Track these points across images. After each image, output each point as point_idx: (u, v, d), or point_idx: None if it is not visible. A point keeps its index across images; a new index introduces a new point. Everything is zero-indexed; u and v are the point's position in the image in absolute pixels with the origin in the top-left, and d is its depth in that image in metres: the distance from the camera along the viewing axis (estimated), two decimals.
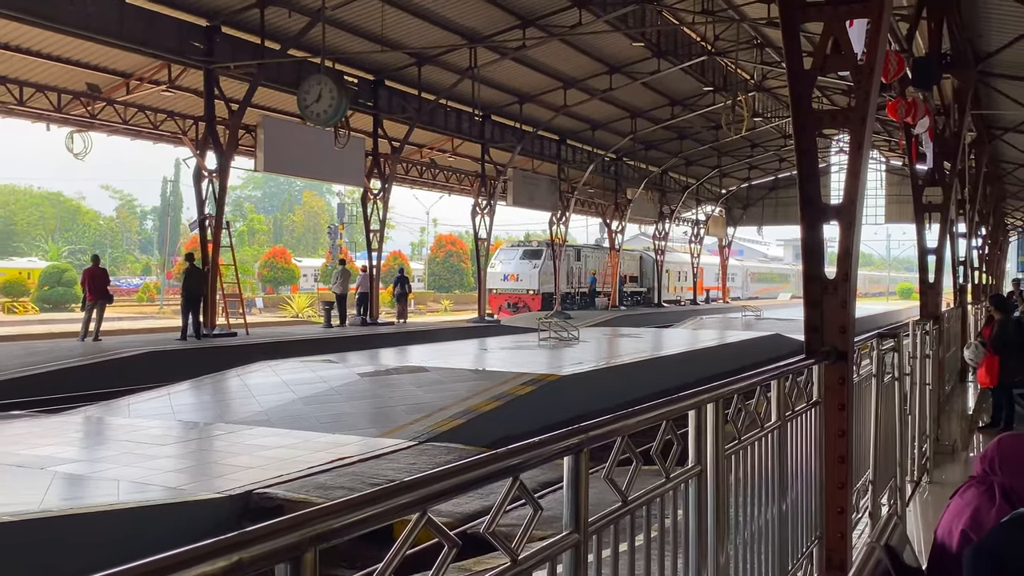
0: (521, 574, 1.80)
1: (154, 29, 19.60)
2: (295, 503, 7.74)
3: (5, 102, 20.66)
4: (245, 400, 13.38)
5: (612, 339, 23.64)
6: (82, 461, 9.28)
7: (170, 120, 23.88)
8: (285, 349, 19.70)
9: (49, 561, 6.33)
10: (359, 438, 10.57)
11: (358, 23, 22.20)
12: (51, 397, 14.40)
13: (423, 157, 32.93)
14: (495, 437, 11.11)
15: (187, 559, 1.11)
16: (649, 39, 27.19)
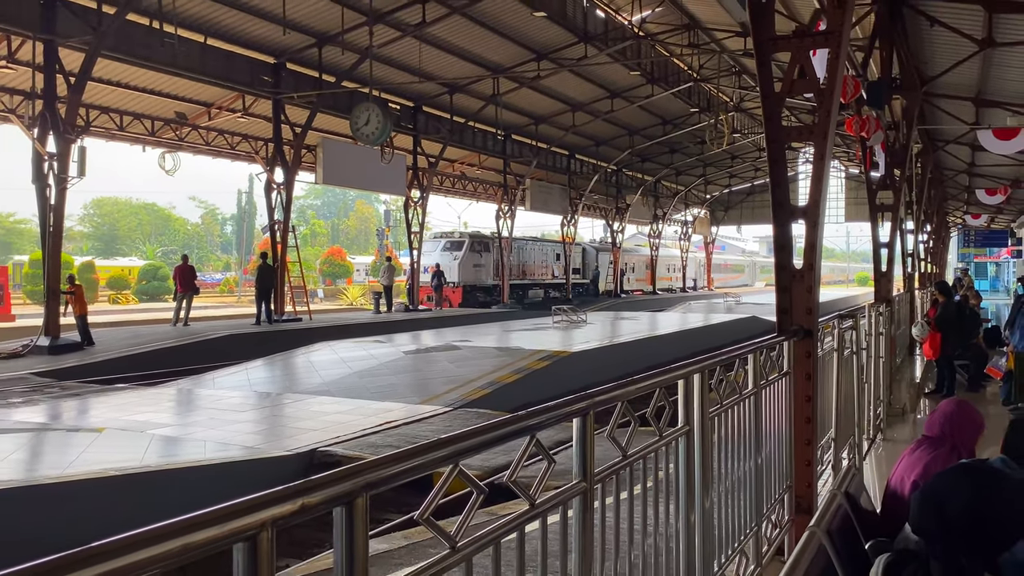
0: (538, 516, 1.80)
1: (231, 66, 19.67)
2: (351, 459, 7.74)
3: (109, 128, 20.81)
4: (309, 374, 13.42)
5: (615, 321, 23.57)
6: (175, 425, 9.33)
7: (244, 142, 23.97)
8: (342, 332, 19.77)
9: (149, 508, 6.38)
10: (403, 405, 10.59)
11: (400, 59, 22.18)
12: (149, 372, 14.52)
13: (455, 170, 32.91)
14: (517, 404, 11.09)
15: (262, 502, 1.12)
16: (644, 68, 27.04)
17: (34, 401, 10.85)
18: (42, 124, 15.53)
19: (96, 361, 14.64)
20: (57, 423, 9.42)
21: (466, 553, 1.53)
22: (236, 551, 1.10)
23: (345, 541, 1.26)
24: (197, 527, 1.02)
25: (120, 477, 6.54)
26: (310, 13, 18.98)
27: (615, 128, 34.08)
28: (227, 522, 1.05)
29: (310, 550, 5.94)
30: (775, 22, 4.99)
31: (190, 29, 17.77)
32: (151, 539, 0.97)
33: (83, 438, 8.27)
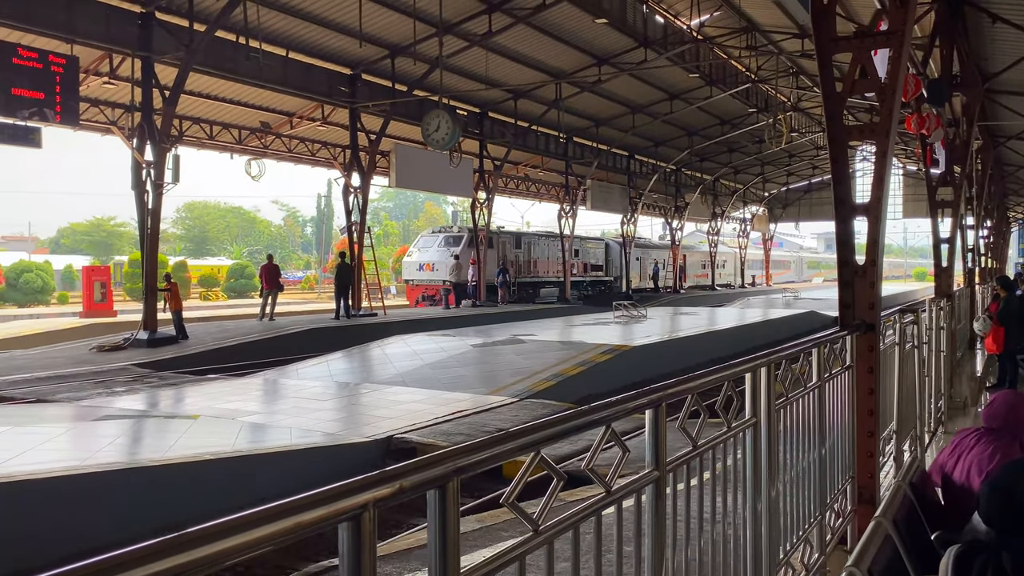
0: (614, 502, 1.80)
1: (311, 78, 20.08)
2: (425, 445, 7.85)
3: (200, 137, 21.46)
4: (384, 365, 13.60)
5: (674, 316, 23.29)
6: (262, 413, 9.54)
7: (324, 148, 24.45)
8: (414, 326, 20.00)
9: (241, 490, 6.57)
10: (472, 395, 10.65)
11: (467, 67, 22.32)
12: (238, 364, 14.92)
13: (519, 172, 32.94)
14: (580, 395, 11.08)
15: (364, 484, 1.15)
16: (703, 71, 26.65)
17: (135, 390, 11.28)
18: (140, 135, 16.11)
19: (190, 353, 15.12)
20: (156, 410, 9.76)
21: (548, 536, 1.54)
22: (341, 529, 1.13)
23: (438, 522, 1.28)
24: (308, 507, 1.05)
25: (215, 461, 6.74)
26: (384, 26, 19.24)
27: (674, 129, 33.68)
28: (334, 502, 1.08)
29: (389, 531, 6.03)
30: (836, 23, 4.86)
31: (273, 44, 18.19)
32: (267, 517, 1.01)
33: (180, 424, 8.55)
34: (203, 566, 0.93)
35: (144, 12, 15.85)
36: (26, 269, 39.71)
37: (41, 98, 13.99)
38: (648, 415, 2.03)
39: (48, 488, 5.71)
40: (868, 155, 36.79)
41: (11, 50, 13.74)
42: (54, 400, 10.40)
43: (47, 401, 10.37)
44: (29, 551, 5.30)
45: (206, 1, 16.06)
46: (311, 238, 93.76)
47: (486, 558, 1.36)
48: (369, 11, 17.95)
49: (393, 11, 18.60)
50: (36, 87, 13.94)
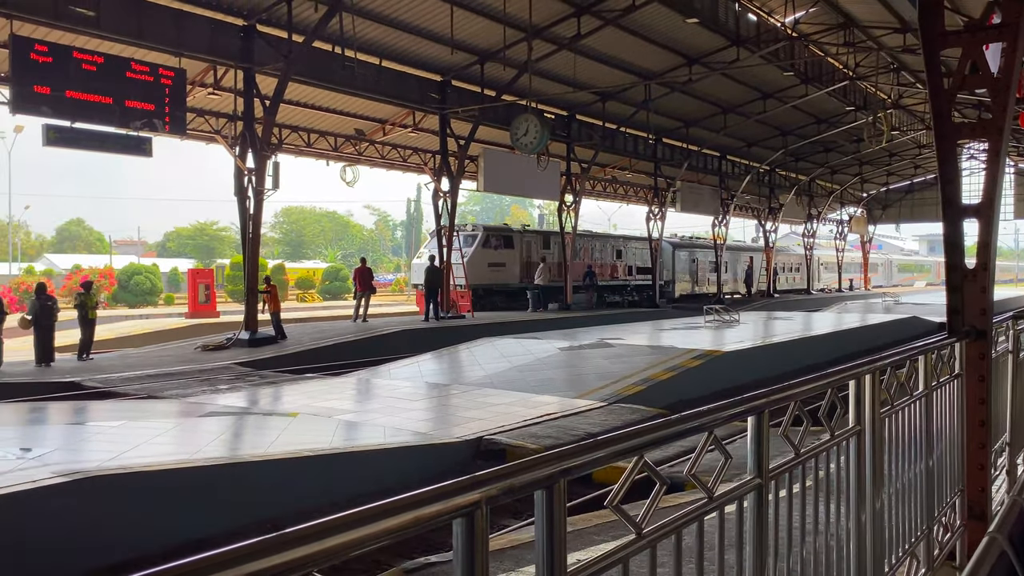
0: (715, 508, 1.79)
1: (403, 85, 20.53)
2: (514, 447, 7.90)
3: (298, 145, 22.24)
4: (473, 367, 13.76)
5: (768, 321, 22.71)
6: (356, 411, 9.77)
7: (415, 154, 24.95)
8: (501, 328, 20.14)
9: (340, 485, 6.77)
10: (560, 398, 10.64)
11: (555, 71, 22.37)
12: (333, 363, 15.37)
13: (606, 174, 32.79)
14: (670, 401, 10.93)
15: (477, 482, 1.18)
16: (798, 69, 25.92)
17: (237, 388, 11.76)
18: (242, 143, 16.82)
19: (288, 353, 15.67)
20: (256, 408, 10.16)
21: (650, 540, 1.55)
22: (456, 525, 1.17)
23: (545, 521, 1.31)
24: (426, 502, 1.10)
25: (313, 457, 6.97)
26: (474, 33, 19.50)
27: (767, 128, 32.87)
28: (450, 498, 1.13)
29: None
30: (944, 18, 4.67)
31: (367, 53, 18.67)
32: (390, 511, 1.06)
33: (280, 422, 8.87)
34: (332, 556, 0.98)
35: (246, 25, 16.54)
36: (136, 272, 41.97)
37: (152, 109, 14.79)
38: (750, 421, 2.01)
39: (161, 480, 6.03)
40: (975, 153, 34.96)
41: (125, 65, 14.58)
42: (163, 397, 10.96)
43: (157, 397, 10.94)
44: (142, 539, 5.60)
45: (304, 12, 16.62)
46: (401, 241, 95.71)
47: (591, 559, 1.38)
48: (460, 18, 18.24)
49: (483, 17, 18.84)
50: (147, 99, 14.75)
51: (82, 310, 15.06)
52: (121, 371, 13.23)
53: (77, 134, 14.13)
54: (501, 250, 28.42)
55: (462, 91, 21.95)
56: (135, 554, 5.39)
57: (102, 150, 15.01)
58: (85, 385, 12.09)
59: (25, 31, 13.84)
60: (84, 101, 13.83)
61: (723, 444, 1.81)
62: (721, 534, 1.83)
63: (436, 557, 4.48)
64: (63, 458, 6.26)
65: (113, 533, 5.53)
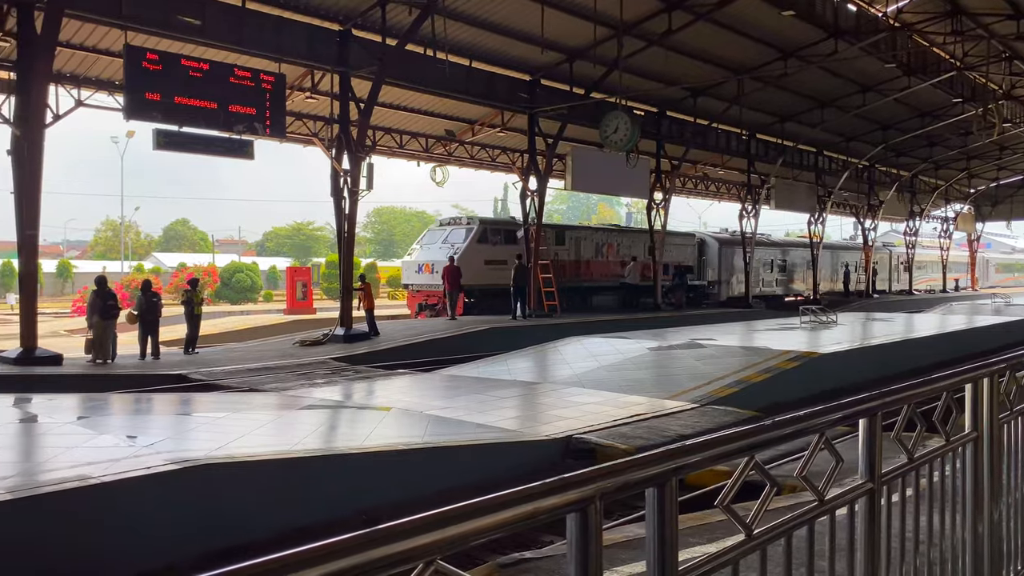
0: (827, 512, 1.75)
1: (492, 85, 20.72)
2: (604, 447, 7.86)
3: (390, 146, 22.73)
4: (561, 366, 13.74)
5: (867, 322, 21.86)
6: (446, 407, 9.86)
7: (503, 154, 25.14)
8: (589, 327, 20.04)
9: (434, 478, 6.89)
10: (649, 399, 10.51)
11: (645, 67, 22.13)
12: (424, 360, 15.64)
13: (697, 172, 32.25)
14: (764, 404, 10.65)
15: (592, 476, 1.19)
16: (900, 60, 24.81)
17: (333, 382, 12.12)
18: (338, 145, 17.31)
19: (381, 349, 16.04)
20: (351, 402, 10.44)
21: (760, 542, 1.53)
22: (569, 519, 1.18)
23: (656, 518, 1.31)
24: (543, 495, 1.12)
25: (407, 451, 7.12)
26: (563, 32, 19.49)
27: (867, 123, 31.63)
28: (565, 492, 1.14)
29: None
30: None
31: (457, 54, 18.92)
32: (508, 503, 1.08)
33: (373, 415, 9.09)
34: (453, 544, 1.01)
35: (342, 30, 17.01)
36: (237, 270, 43.79)
37: (253, 113, 15.38)
38: (862, 424, 1.95)
39: (263, 469, 6.27)
40: None
41: (229, 71, 15.22)
42: (264, 390, 11.40)
43: (258, 390, 11.37)
44: (247, 527, 5.84)
45: (398, 16, 16.98)
46: None
47: (702, 558, 1.37)
48: (550, 18, 18.25)
49: (573, 16, 18.82)
50: (249, 103, 15.35)
51: (189, 306, 15.80)
52: (224, 365, 13.82)
53: (185, 138, 14.83)
54: (501, 246, 24.56)
55: (551, 90, 21.97)
56: (242, 541, 5.63)
57: (207, 153, 15.70)
58: (191, 378, 12.68)
59: (137, 41, 14.60)
60: (191, 106, 14.50)
61: (834, 446, 1.76)
62: (831, 539, 1.78)
63: (531, 553, 4.51)
64: (173, 447, 6.59)
65: (220, 520, 5.78)
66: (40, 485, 5.22)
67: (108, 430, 7.43)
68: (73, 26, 14.47)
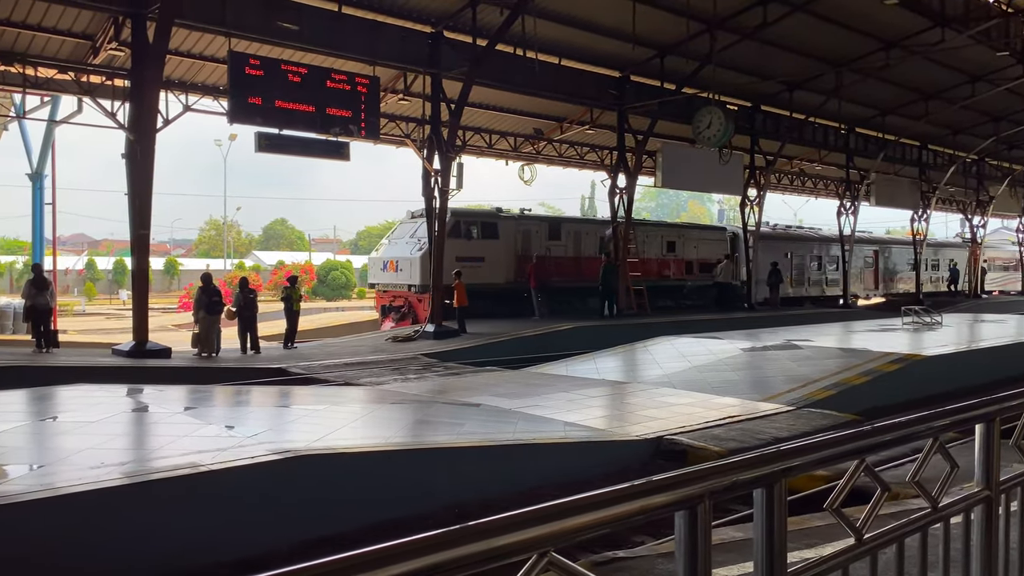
0: (941, 519, 1.69)
1: (581, 83, 20.68)
2: (696, 449, 7.74)
3: (479, 146, 22.96)
4: (650, 366, 13.62)
5: (974, 324, 20.78)
6: (534, 405, 9.88)
7: (592, 151, 25.03)
8: (679, 327, 19.73)
9: (520, 475, 6.95)
10: (742, 401, 10.29)
11: (738, 61, 21.63)
12: (512, 357, 15.72)
13: (792, 167, 31.32)
14: (864, 407, 10.27)
15: (701, 475, 1.20)
16: (1013, 48, 23.41)
17: (424, 377, 12.37)
18: (429, 145, 17.61)
19: (470, 346, 16.23)
20: (442, 397, 10.61)
21: (871, 547, 1.50)
22: (678, 517, 1.19)
23: (765, 519, 1.30)
24: (651, 492, 1.13)
25: (497, 447, 7.20)
26: (654, 27, 19.25)
27: (976, 114, 30.04)
28: (674, 490, 1.15)
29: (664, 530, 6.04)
30: None
31: (547, 53, 18.95)
32: (618, 498, 1.10)
33: (464, 411, 9.22)
34: (566, 537, 1.04)
35: (433, 32, 17.29)
36: (333, 267, 45.13)
37: (349, 116, 15.81)
38: (978, 430, 1.87)
39: (359, 461, 6.46)
40: None
41: (326, 75, 15.69)
42: (358, 384, 11.72)
43: (353, 384, 11.71)
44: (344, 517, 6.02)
45: (488, 17, 17.13)
46: None
47: (810, 561, 1.35)
48: (641, 13, 18.07)
49: (664, 11, 18.58)
50: (345, 106, 15.78)
51: (288, 302, 16.39)
52: (321, 359, 14.28)
53: (284, 140, 15.38)
54: (478, 240, 21.69)
55: (640, 86, 21.75)
56: (336, 531, 5.82)
57: (306, 155, 16.24)
58: (290, 371, 13.16)
59: (240, 47, 15.22)
60: (290, 110, 15.02)
61: (949, 452, 1.70)
62: (946, 547, 1.72)
63: (624, 552, 4.50)
64: (275, 437, 6.86)
65: (316, 509, 5.99)
66: (154, 471, 5.52)
67: (214, 420, 7.79)
68: (181, 35, 15.20)
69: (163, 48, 13.56)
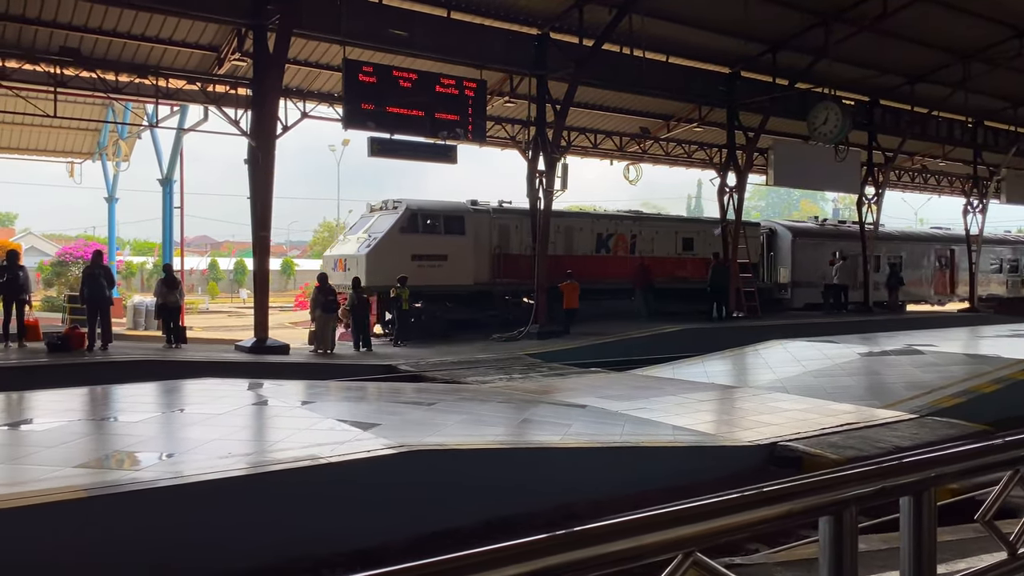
0: None
1: (689, 80, 20.39)
2: (812, 456, 7.48)
3: (584, 146, 22.91)
4: (762, 370, 13.25)
5: None
6: (642, 408, 9.77)
7: (700, 150, 24.56)
8: (792, 330, 19.11)
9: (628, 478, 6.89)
10: (860, 408, 9.89)
11: (855, 54, 20.72)
12: (617, 359, 15.62)
13: (914, 164, 29.78)
14: (996, 417, 9.64)
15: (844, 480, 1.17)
16: None
17: (529, 377, 12.44)
18: (534, 147, 17.72)
19: (575, 347, 16.23)
20: (548, 398, 10.63)
21: None
22: (822, 523, 1.16)
23: (912, 529, 1.25)
24: (793, 496, 1.11)
25: (605, 449, 7.17)
26: (766, 21, 18.73)
27: None
28: (819, 494, 1.12)
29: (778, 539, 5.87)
30: None
31: (654, 51, 18.72)
32: (759, 501, 1.08)
33: (571, 412, 9.22)
34: (708, 538, 1.03)
35: (539, 34, 17.38)
36: None
37: (457, 119, 16.11)
38: None
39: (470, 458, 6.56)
40: None
41: (435, 79, 16.03)
42: (464, 382, 11.91)
43: (459, 382, 11.91)
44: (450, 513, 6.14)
45: (595, 17, 17.08)
46: None
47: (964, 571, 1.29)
48: (753, 7, 17.60)
49: (777, 4, 18.04)
50: (453, 110, 16.09)
51: (397, 302, 16.81)
52: (429, 357, 14.59)
53: (396, 145, 15.80)
54: (441, 236, 18.94)
55: (751, 82, 21.20)
56: (448, 526, 5.93)
57: (415, 158, 16.64)
58: (400, 369, 13.50)
59: (353, 55, 15.73)
60: (401, 115, 15.43)
61: None
62: None
63: (740, 559, 4.41)
64: (389, 432, 7.05)
65: (429, 504, 6.12)
66: (277, 462, 5.78)
67: (330, 414, 8.08)
68: (299, 44, 15.85)
69: (282, 57, 14.17)
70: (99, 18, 14.52)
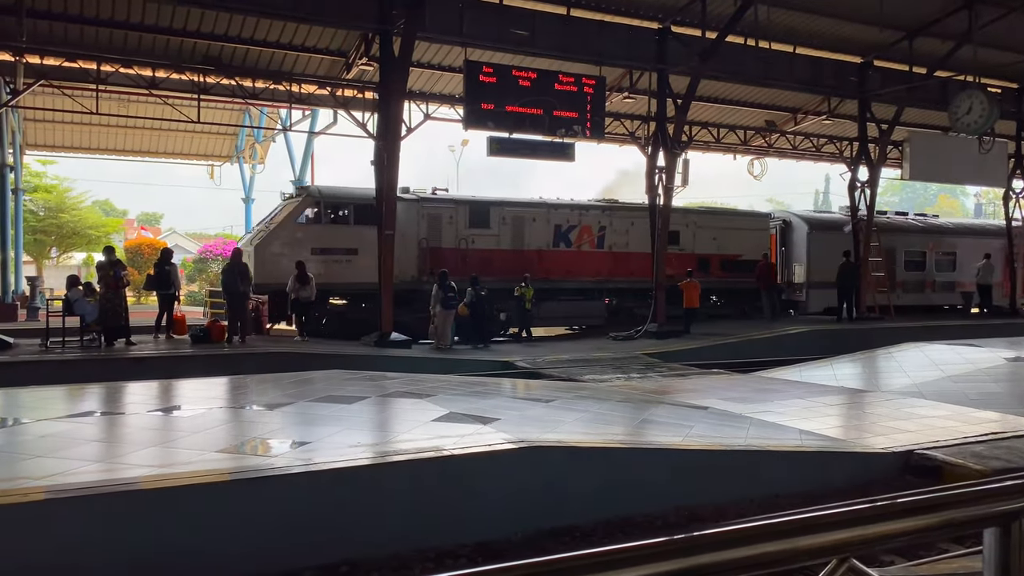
0: None
1: (817, 71, 19.61)
2: (954, 466, 7.07)
3: (706, 141, 22.42)
4: (895, 374, 12.62)
5: None
6: (766, 411, 9.45)
7: (829, 143, 23.59)
8: (928, 333, 18.08)
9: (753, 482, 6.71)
10: (1008, 416, 9.25)
11: (1003, 38, 19.31)
12: (738, 360, 15.23)
13: None
14: None
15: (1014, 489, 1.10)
16: None
17: (648, 377, 12.32)
18: (654, 143, 17.47)
19: (693, 347, 15.95)
20: (668, 398, 10.48)
21: None
22: (987, 534, 1.11)
23: None
24: (951, 505, 1.06)
25: (728, 452, 7.01)
26: (902, 6, 17.73)
27: None
28: (984, 504, 1.07)
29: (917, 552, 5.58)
30: None
31: (780, 41, 18.10)
32: (914, 509, 1.04)
33: (691, 413, 9.05)
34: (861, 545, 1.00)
35: (660, 28, 17.13)
36: None
37: (575, 117, 16.10)
38: None
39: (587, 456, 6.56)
40: None
41: (554, 78, 16.07)
42: (580, 379, 11.91)
43: (575, 380, 11.92)
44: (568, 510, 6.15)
45: (718, 8, 16.68)
46: None
47: None
48: None
49: None
50: (571, 108, 16.09)
51: (521, 300, 17.04)
52: (546, 354, 14.68)
53: (514, 144, 15.97)
54: (350, 228, 17.07)
55: (885, 71, 20.16)
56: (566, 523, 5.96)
57: (533, 157, 16.75)
58: (517, 365, 13.65)
59: (474, 56, 16.00)
60: (520, 114, 15.57)
61: None
62: None
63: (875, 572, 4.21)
64: (509, 427, 7.15)
65: (548, 501, 6.16)
66: (404, 452, 5.97)
67: (452, 407, 8.26)
68: (421, 48, 16.26)
69: (407, 60, 14.59)
70: (238, 27, 15.40)
